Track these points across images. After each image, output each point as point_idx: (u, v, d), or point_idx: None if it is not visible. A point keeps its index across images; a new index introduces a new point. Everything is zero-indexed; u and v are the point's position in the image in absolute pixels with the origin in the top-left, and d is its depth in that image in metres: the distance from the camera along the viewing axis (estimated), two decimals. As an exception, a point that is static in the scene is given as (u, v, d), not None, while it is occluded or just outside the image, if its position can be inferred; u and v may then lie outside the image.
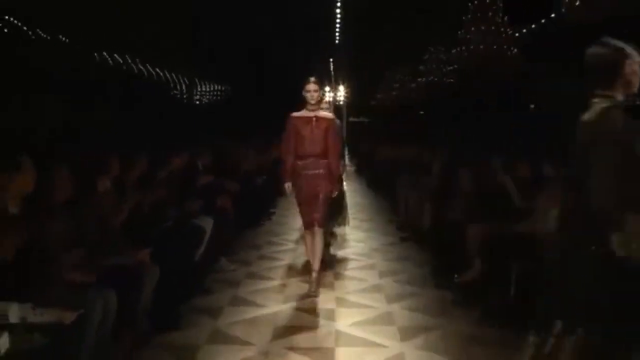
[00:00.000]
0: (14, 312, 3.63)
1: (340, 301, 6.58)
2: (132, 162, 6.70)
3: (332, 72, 30.50)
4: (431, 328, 5.82)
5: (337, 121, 7.79)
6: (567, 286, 3.65)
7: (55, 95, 11.50)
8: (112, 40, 15.89)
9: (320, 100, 7.30)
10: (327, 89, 31.46)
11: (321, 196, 7.08)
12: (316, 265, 7.15)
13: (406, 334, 5.66)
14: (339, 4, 19.70)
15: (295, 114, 7.25)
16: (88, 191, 5.34)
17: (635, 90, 3.63)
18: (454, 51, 19.74)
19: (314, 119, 7.14)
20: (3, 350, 3.37)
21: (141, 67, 18.71)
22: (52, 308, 3.86)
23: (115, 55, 17.00)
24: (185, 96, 22.86)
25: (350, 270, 7.94)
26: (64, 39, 14.22)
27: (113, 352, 4.61)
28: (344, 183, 10.01)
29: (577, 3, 12.59)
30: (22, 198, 4.26)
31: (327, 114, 7.46)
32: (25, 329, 3.59)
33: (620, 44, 3.61)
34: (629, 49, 3.59)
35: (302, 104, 7.27)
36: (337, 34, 24.12)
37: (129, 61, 17.84)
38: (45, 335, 3.66)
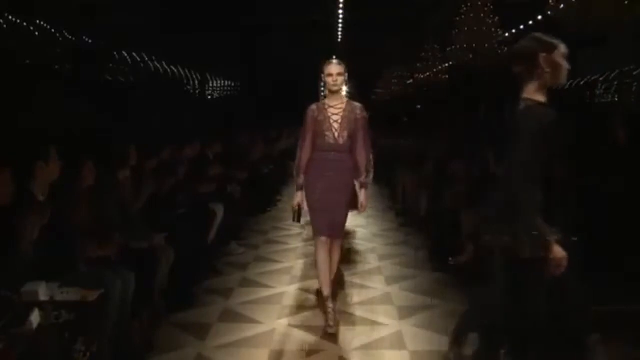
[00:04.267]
0: (43, 291, 3.68)
1: (343, 283, 6.59)
2: (149, 152, 6.73)
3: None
4: (427, 307, 5.85)
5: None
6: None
7: (80, 94, 11.51)
8: (131, 40, 15.86)
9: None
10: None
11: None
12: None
13: (404, 313, 5.68)
14: (341, 6, 19.63)
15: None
16: (109, 180, 5.37)
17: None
18: (448, 49, 19.66)
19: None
20: (35, 325, 3.41)
21: (157, 65, 18.68)
22: (76, 287, 3.90)
23: (134, 54, 16.96)
24: (197, 91, 22.81)
25: (352, 254, 7.95)
26: (87, 40, 14.20)
27: (132, 329, 4.65)
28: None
29: (562, 6, 12.54)
30: (49, 185, 4.30)
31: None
32: (53, 306, 3.63)
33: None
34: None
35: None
36: (339, 33, 24.08)
37: (146, 59, 17.81)
38: (71, 312, 3.70)
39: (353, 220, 10.23)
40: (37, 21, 12.58)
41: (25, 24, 12.18)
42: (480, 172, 7.43)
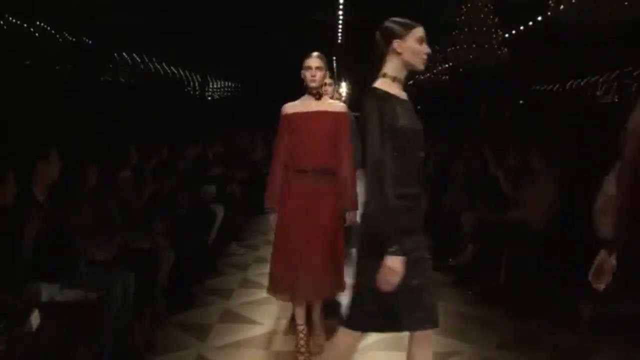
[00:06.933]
0: (44, 292, 3.69)
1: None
2: (149, 152, 6.74)
3: (335, 70, 30.45)
4: (427, 308, 5.84)
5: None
6: None
7: (80, 94, 11.53)
8: (131, 40, 15.88)
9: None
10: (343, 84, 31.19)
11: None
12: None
13: (404, 313, 5.67)
14: (341, 7, 19.64)
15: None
16: (110, 180, 5.37)
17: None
18: (449, 50, 19.66)
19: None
20: (35, 326, 3.41)
21: (157, 66, 18.71)
22: (77, 289, 3.91)
23: (134, 54, 16.98)
24: (197, 92, 22.83)
25: (352, 255, 7.94)
26: (88, 40, 14.22)
27: (133, 329, 4.65)
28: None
29: (562, 7, 12.58)
30: (48, 186, 4.30)
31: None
32: (54, 307, 3.63)
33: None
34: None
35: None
36: (339, 34, 24.07)
37: (146, 60, 17.83)
38: (72, 313, 3.70)
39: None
40: (37, 22, 12.59)
41: (25, 24, 12.19)
42: (480, 172, 7.44)
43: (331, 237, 4.54)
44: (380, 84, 3.11)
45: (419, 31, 3.14)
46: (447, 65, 23.52)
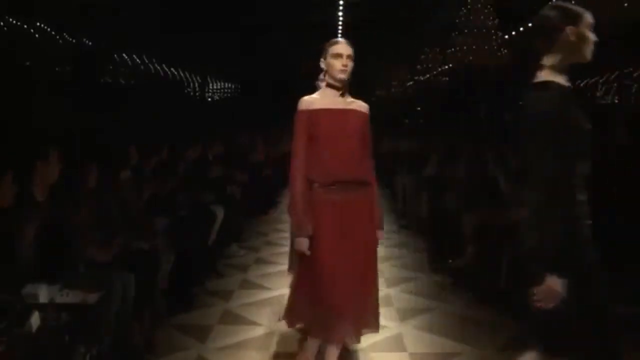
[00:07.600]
0: (43, 293, 3.68)
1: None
2: (149, 152, 6.74)
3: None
4: (427, 309, 5.84)
5: None
6: None
7: (80, 94, 11.54)
8: (131, 41, 15.88)
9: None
10: None
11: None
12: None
13: (404, 315, 5.67)
14: (341, 8, 19.68)
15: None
16: (110, 180, 5.37)
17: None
18: (448, 51, 19.68)
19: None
20: (34, 327, 3.41)
21: (157, 67, 18.71)
22: (76, 289, 3.90)
23: (134, 56, 16.98)
24: (197, 94, 22.83)
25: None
26: (88, 42, 14.21)
27: (132, 330, 4.64)
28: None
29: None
30: (48, 186, 4.30)
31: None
32: (54, 308, 3.62)
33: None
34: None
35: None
36: (339, 35, 24.11)
37: (146, 61, 17.82)
38: (71, 314, 3.69)
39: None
40: (37, 22, 12.60)
41: (25, 25, 12.19)
42: (480, 173, 7.44)
43: (372, 264, 4.02)
44: (549, 76, 2.77)
45: (590, 17, 2.80)
46: (447, 67, 23.53)
